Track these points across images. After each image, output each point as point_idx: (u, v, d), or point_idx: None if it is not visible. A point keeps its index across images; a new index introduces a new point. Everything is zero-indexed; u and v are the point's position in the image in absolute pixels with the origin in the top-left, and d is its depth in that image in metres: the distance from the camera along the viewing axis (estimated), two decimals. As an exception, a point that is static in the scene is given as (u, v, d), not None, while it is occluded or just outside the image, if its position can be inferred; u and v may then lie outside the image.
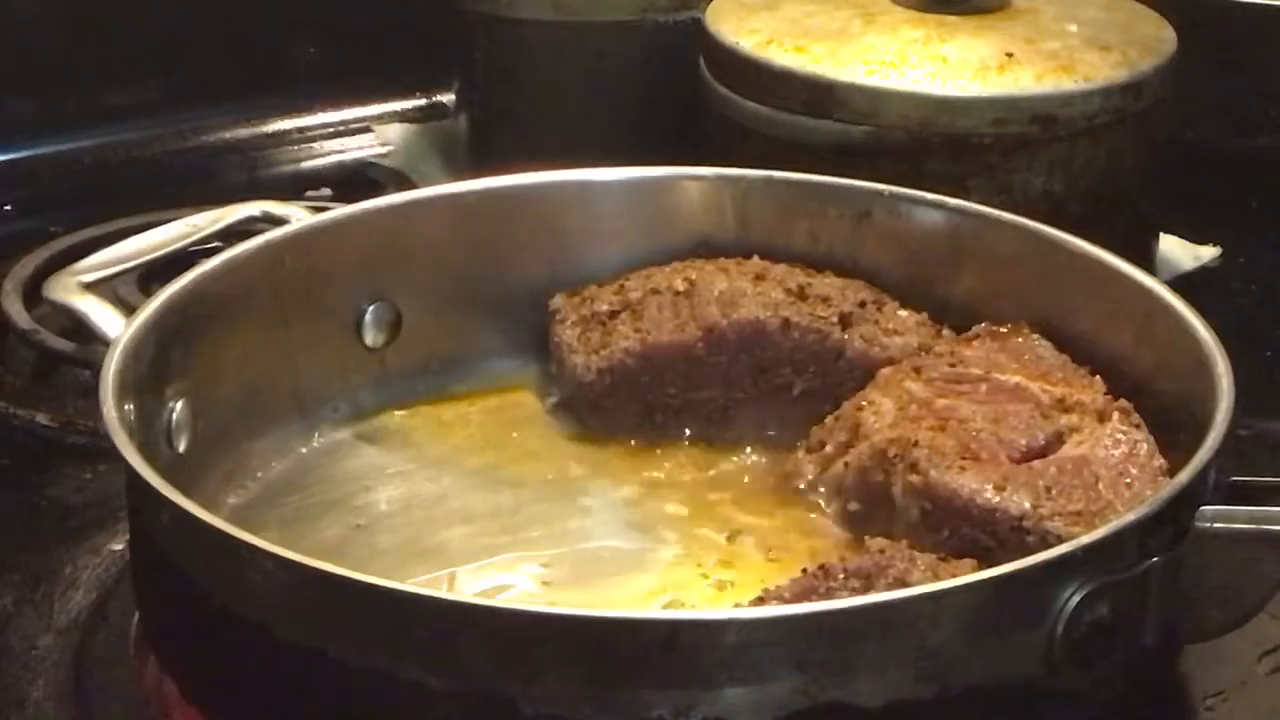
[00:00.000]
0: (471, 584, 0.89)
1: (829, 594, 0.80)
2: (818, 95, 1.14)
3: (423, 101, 1.52)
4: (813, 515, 0.94)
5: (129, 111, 1.45)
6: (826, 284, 1.01)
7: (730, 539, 0.93)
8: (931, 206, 1.03)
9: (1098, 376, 0.95)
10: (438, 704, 0.75)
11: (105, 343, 0.91)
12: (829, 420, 0.97)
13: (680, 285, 1.01)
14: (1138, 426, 0.91)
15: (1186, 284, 1.21)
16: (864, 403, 0.95)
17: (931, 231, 1.03)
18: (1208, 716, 0.88)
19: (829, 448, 0.95)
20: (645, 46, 1.29)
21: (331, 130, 1.49)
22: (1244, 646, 0.90)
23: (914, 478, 0.88)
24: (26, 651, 0.92)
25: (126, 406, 0.86)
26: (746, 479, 0.97)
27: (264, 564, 0.77)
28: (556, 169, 1.06)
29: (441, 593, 0.84)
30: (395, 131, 1.48)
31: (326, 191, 1.39)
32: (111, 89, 1.45)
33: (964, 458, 0.89)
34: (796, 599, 0.79)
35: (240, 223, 1.07)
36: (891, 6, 1.19)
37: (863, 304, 1.01)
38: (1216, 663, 0.89)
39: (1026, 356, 0.96)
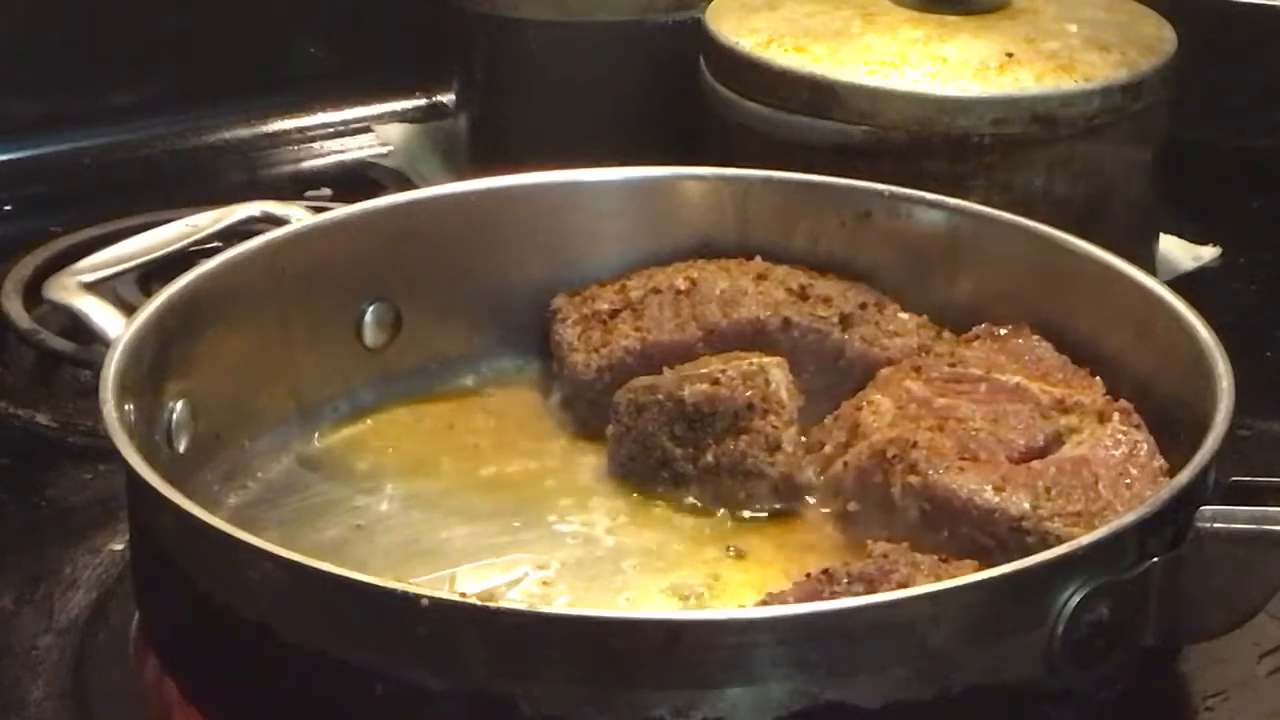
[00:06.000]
0: (471, 584, 0.89)
1: (833, 598, 0.80)
2: (818, 95, 1.14)
3: (423, 101, 1.52)
4: (812, 515, 0.94)
5: (129, 111, 1.45)
6: (828, 285, 1.02)
7: (731, 539, 0.93)
8: (931, 206, 1.03)
9: (1098, 377, 0.95)
10: (438, 704, 0.75)
11: (105, 343, 0.91)
12: (828, 420, 0.97)
13: (681, 284, 1.01)
14: (1138, 427, 0.91)
15: (1186, 284, 1.21)
16: (863, 402, 0.95)
17: (931, 231, 1.03)
18: (1208, 716, 0.88)
19: (828, 448, 0.95)
20: (645, 46, 1.29)
21: (331, 130, 1.49)
22: (1244, 646, 0.90)
23: (913, 478, 0.88)
24: (26, 651, 0.92)
25: (126, 406, 0.86)
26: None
27: (264, 564, 0.77)
28: (556, 169, 1.06)
29: (441, 593, 0.84)
30: (395, 131, 1.48)
31: (326, 191, 1.39)
32: (111, 89, 1.45)
33: (963, 458, 0.89)
34: (800, 603, 0.79)
35: (240, 223, 1.07)
36: (891, 6, 1.19)
37: (864, 305, 1.01)
38: (1216, 663, 0.89)
39: (1026, 357, 0.96)
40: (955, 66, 1.13)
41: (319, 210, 1.07)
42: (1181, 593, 0.80)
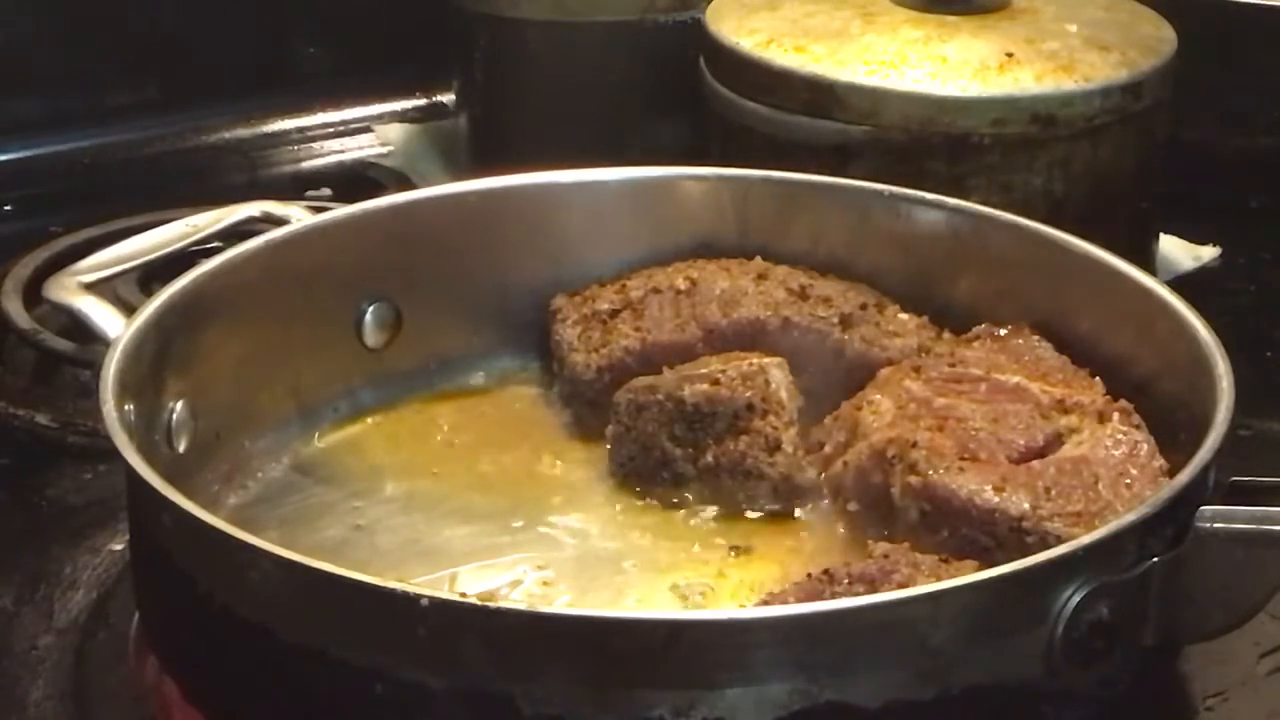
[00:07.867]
0: (472, 584, 0.89)
1: (833, 599, 0.80)
2: (818, 95, 1.14)
3: (423, 101, 1.52)
4: (812, 515, 0.94)
5: (129, 111, 1.45)
6: (828, 285, 1.02)
7: (731, 539, 0.93)
8: (931, 206, 1.03)
9: (1098, 378, 0.95)
10: (438, 704, 0.75)
11: (105, 343, 0.91)
12: (828, 420, 0.97)
13: (682, 284, 1.01)
14: (1138, 427, 0.91)
15: (1186, 284, 1.21)
16: (863, 402, 0.95)
17: (931, 232, 1.03)
18: (1208, 716, 0.88)
19: (828, 448, 0.95)
20: (645, 46, 1.29)
21: (331, 130, 1.49)
22: (1244, 646, 0.90)
23: (912, 479, 0.88)
24: (26, 651, 0.92)
25: (126, 406, 0.86)
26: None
27: (264, 564, 0.77)
28: (556, 169, 1.06)
29: (441, 593, 0.84)
30: (395, 131, 1.48)
31: (326, 191, 1.39)
32: (111, 89, 1.45)
33: (963, 458, 0.89)
34: (800, 603, 0.79)
35: (240, 223, 1.07)
36: (891, 6, 1.19)
37: (864, 306, 1.01)
38: (1216, 663, 0.89)
39: (1027, 357, 0.96)
40: (955, 66, 1.13)
41: (319, 210, 1.07)
42: (1181, 593, 0.80)
